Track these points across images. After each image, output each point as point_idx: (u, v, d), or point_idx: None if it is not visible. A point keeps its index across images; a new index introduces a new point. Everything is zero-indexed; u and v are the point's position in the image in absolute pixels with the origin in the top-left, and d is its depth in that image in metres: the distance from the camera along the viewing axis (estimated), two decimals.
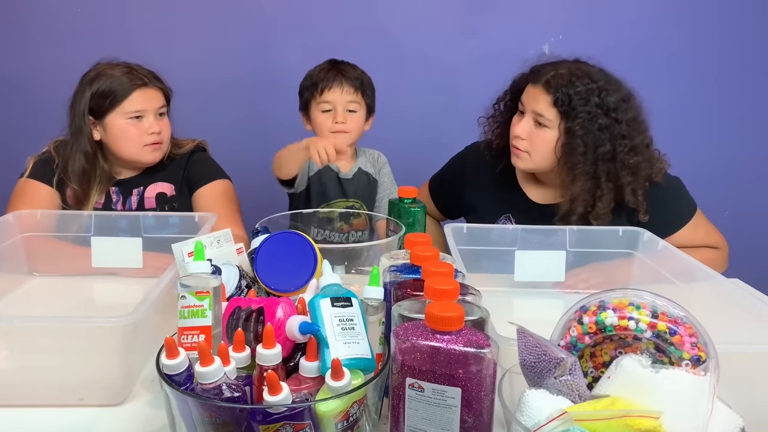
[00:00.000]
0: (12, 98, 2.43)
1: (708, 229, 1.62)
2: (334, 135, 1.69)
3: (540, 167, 1.54)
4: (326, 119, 1.71)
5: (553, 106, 1.47)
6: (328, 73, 1.72)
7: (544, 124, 1.49)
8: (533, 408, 0.70)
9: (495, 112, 1.67)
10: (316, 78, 1.72)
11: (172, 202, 1.66)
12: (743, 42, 2.41)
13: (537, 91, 1.50)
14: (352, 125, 1.72)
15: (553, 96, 1.47)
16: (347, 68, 1.74)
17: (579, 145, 1.46)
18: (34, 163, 1.63)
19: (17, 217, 1.41)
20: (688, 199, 1.61)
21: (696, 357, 0.73)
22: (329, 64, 1.77)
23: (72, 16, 2.38)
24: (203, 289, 0.80)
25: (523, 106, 1.53)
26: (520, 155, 1.54)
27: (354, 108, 1.72)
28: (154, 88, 1.62)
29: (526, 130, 1.52)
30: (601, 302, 0.78)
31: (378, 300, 0.84)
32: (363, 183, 1.81)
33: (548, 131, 1.49)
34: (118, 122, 1.58)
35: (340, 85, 1.70)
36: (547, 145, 1.50)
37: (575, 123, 1.46)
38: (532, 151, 1.52)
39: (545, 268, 1.40)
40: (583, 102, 1.46)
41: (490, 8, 2.38)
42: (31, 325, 0.92)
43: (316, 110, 1.72)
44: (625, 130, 1.48)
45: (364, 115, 1.75)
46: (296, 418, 0.69)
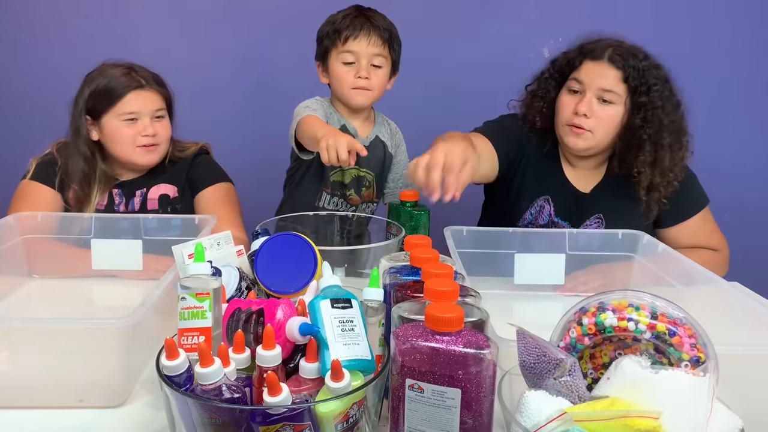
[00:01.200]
0: (13, 100, 2.44)
1: (713, 228, 1.64)
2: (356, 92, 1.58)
3: (600, 145, 1.52)
4: (347, 72, 1.57)
5: (623, 82, 1.47)
6: (354, 20, 1.55)
7: (610, 101, 1.48)
8: (533, 409, 0.70)
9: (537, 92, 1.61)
10: (340, 24, 1.55)
11: (175, 204, 1.67)
12: (743, 44, 2.41)
13: (601, 68, 1.49)
14: (375, 82, 1.58)
15: (624, 72, 1.47)
16: (376, 16, 1.58)
17: (659, 117, 1.46)
18: (37, 165, 1.63)
19: (18, 219, 1.41)
20: (701, 190, 1.63)
21: (695, 358, 0.73)
22: (355, 9, 1.60)
23: (73, 17, 2.38)
24: (203, 290, 0.81)
25: (580, 84, 1.51)
26: (582, 135, 1.50)
27: (379, 63, 1.58)
28: (150, 90, 1.61)
29: (591, 108, 1.49)
30: (601, 303, 0.78)
31: (378, 301, 0.84)
32: (378, 154, 1.70)
33: (613, 107, 1.48)
34: (112, 123, 1.59)
35: (368, 35, 1.54)
36: (612, 121, 1.49)
37: (651, 97, 1.46)
38: (597, 129, 1.50)
39: (545, 271, 1.40)
40: (652, 76, 1.47)
41: (488, 12, 2.38)
42: (31, 327, 0.92)
43: (337, 61, 1.58)
44: (680, 100, 1.52)
45: (388, 72, 1.61)
46: (296, 419, 0.69)
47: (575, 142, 1.52)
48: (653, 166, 1.49)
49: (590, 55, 1.52)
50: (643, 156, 1.48)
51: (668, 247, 1.35)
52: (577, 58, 1.55)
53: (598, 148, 1.54)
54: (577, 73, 1.52)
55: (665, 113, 1.47)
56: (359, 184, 1.68)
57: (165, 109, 1.65)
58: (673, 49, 2.36)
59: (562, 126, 1.55)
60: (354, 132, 1.65)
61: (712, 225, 1.63)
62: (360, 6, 1.62)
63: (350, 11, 1.59)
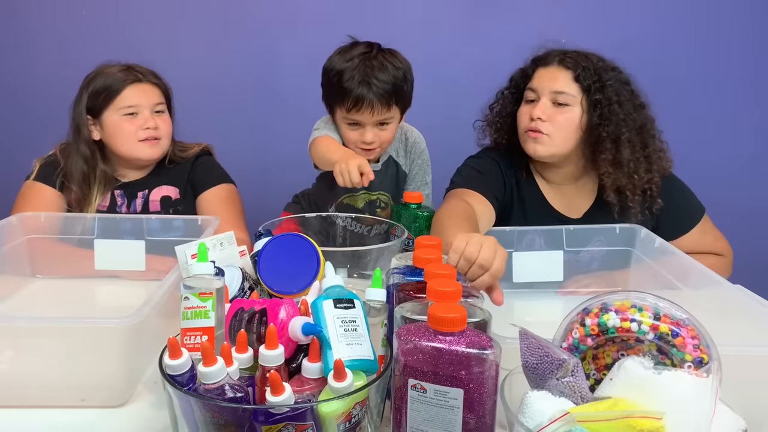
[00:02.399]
0: (16, 101, 2.44)
1: (715, 235, 1.61)
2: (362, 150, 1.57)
3: (561, 150, 1.49)
4: (354, 135, 1.56)
5: (575, 82, 1.46)
6: (360, 87, 1.49)
7: (565, 103, 1.46)
8: (535, 409, 0.70)
9: (497, 109, 1.61)
10: (346, 85, 1.50)
11: (177, 205, 1.67)
12: (745, 46, 2.41)
13: (552, 71, 1.48)
14: (381, 141, 1.58)
15: (574, 71, 1.46)
16: (380, 75, 1.51)
17: (615, 112, 1.44)
18: (40, 166, 1.64)
19: (21, 219, 1.41)
20: (696, 201, 1.61)
21: (698, 359, 0.73)
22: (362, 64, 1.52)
23: (77, 19, 2.39)
24: (206, 290, 0.81)
25: (534, 92, 1.50)
26: (540, 139, 1.47)
27: (385, 121, 1.56)
28: (148, 84, 1.62)
29: (545, 111, 1.46)
30: (604, 304, 0.79)
31: (380, 302, 0.84)
32: (390, 175, 1.68)
33: (569, 109, 1.46)
34: (113, 118, 1.59)
35: (370, 106, 1.50)
36: (570, 124, 1.46)
37: (605, 93, 1.44)
38: (554, 133, 1.47)
39: (543, 269, 1.40)
40: (606, 73, 1.46)
41: (491, 14, 2.38)
42: (35, 326, 0.92)
43: (342, 122, 1.57)
44: (643, 102, 1.50)
45: (397, 123, 1.60)
46: (298, 418, 0.69)
47: (534, 148, 1.49)
48: (615, 164, 1.46)
49: (541, 62, 1.52)
50: (604, 155, 1.46)
51: (664, 241, 1.35)
52: (529, 68, 1.56)
53: (561, 155, 1.50)
54: (531, 82, 1.52)
55: (623, 109, 1.45)
56: (372, 206, 1.68)
57: (164, 103, 1.65)
58: (675, 52, 2.39)
59: (521, 135, 1.53)
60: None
61: (712, 235, 1.60)
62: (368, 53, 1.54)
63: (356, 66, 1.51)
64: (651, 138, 1.49)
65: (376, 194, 1.69)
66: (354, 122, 1.55)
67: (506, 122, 1.59)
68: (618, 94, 1.45)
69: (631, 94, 1.49)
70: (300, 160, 1.79)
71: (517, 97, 1.57)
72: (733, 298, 1.09)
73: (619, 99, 1.45)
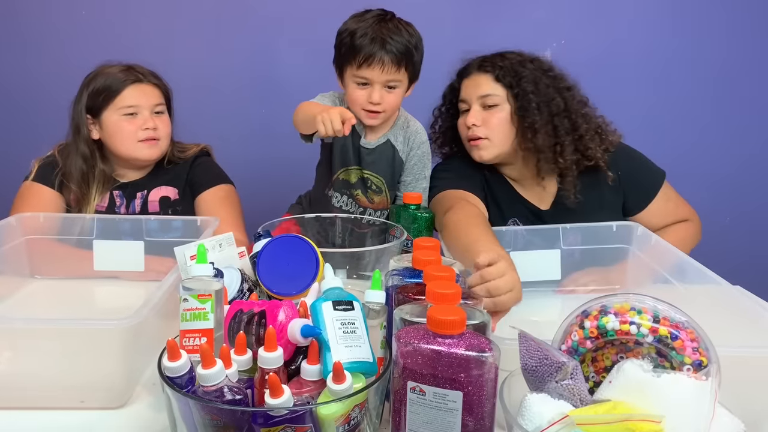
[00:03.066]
0: (15, 102, 2.44)
1: (677, 202, 1.63)
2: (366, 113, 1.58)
3: (502, 150, 1.53)
4: (361, 95, 1.56)
5: (497, 82, 1.50)
6: (371, 44, 1.50)
7: (494, 104, 1.50)
8: (534, 412, 0.70)
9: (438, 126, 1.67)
10: (358, 43, 1.51)
11: (176, 206, 1.67)
12: (745, 46, 2.41)
13: (475, 78, 1.54)
14: (387, 105, 1.57)
15: (493, 73, 1.51)
16: (393, 35, 1.52)
17: (531, 101, 1.47)
18: (39, 167, 1.63)
19: (20, 219, 1.41)
20: (654, 166, 1.62)
21: (697, 362, 0.73)
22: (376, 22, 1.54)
23: (77, 20, 2.39)
24: (205, 291, 0.81)
25: (465, 103, 1.55)
26: (480, 144, 1.52)
27: (394, 85, 1.56)
28: (149, 84, 1.62)
29: (478, 117, 1.51)
30: (603, 307, 0.78)
31: (380, 304, 0.84)
32: (386, 158, 1.67)
33: (499, 109, 1.50)
34: (112, 118, 1.59)
35: (381, 63, 1.51)
36: (503, 123, 1.50)
37: (521, 84, 1.48)
38: (492, 135, 1.51)
39: (541, 268, 1.40)
40: (521, 67, 1.50)
41: (492, 14, 2.39)
42: (33, 327, 0.92)
43: (351, 80, 1.56)
44: (569, 85, 1.53)
45: (404, 89, 1.60)
46: (297, 421, 0.69)
47: (479, 155, 1.53)
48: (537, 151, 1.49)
49: (464, 73, 1.58)
50: (526, 144, 1.49)
51: (660, 238, 1.35)
52: (455, 81, 1.61)
53: (505, 154, 1.54)
54: (460, 94, 1.57)
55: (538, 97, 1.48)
56: (365, 186, 1.67)
57: (164, 104, 1.65)
58: (673, 51, 2.39)
59: (466, 145, 1.57)
60: (361, 132, 1.65)
61: (675, 199, 1.63)
62: (382, 16, 1.57)
63: (370, 25, 1.53)
64: (581, 117, 1.52)
65: (368, 173, 1.68)
66: (363, 81, 1.55)
67: (448, 135, 1.65)
68: (536, 83, 1.49)
69: (553, 79, 1.52)
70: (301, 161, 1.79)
71: (452, 112, 1.62)
72: (731, 299, 1.09)
73: (536, 88, 1.49)
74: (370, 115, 1.58)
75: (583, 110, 1.53)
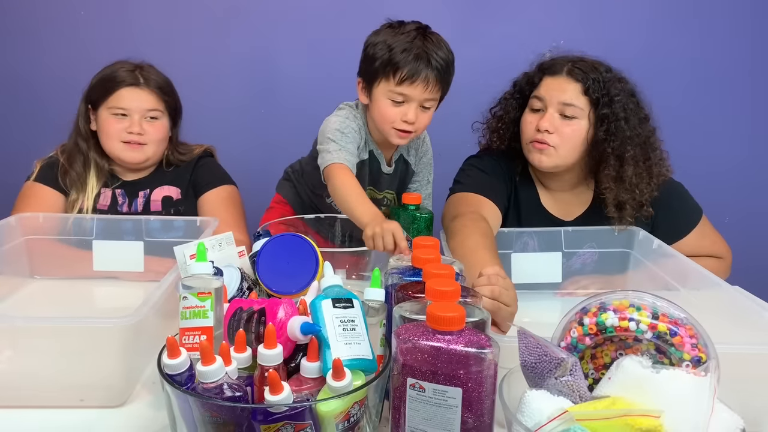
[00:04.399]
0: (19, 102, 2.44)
1: (714, 238, 1.59)
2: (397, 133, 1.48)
3: (565, 162, 1.47)
4: (395, 113, 1.45)
5: (584, 95, 1.43)
6: (416, 60, 1.40)
7: (572, 115, 1.43)
8: (534, 408, 0.70)
9: (500, 114, 1.59)
10: (399, 59, 1.40)
11: (178, 205, 1.67)
12: (746, 46, 2.41)
13: (560, 82, 1.45)
14: (420, 124, 1.49)
15: (583, 84, 1.43)
16: (437, 51, 1.43)
17: (622, 128, 1.41)
18: (41, 167, 1.64)
19: (19, 219, 1.41)
20: (693, 204, 1.58)
21: (696, 358, 0.73)
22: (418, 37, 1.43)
23: (80, 20, 2.39)
24: (205, 290, 0.81)
25: (541, 101, 1.47)
26: (546, 151, 1.45)
27: (429, 105, 1.49)
28: (146, 90, 1.62)
29: (553, 123, 1.44)
30: (602, 303, 0.79)
31: (379, 302, 0.84)
32: (400, 175, 1.65)
33: (576, 122, 1.43)
34: (104, 115, 1.60)
35: (426, 80, 1.41)
36: (576, 136, 1.43)
37: (612, 108, 1.41)
38: (561, 146, 1.44)
39: (542, 270, 1.40)
40: (613, 87, 1.43)
41: (490, 14, 2.39)
42: (33, 326, 0.92)
43: (384, 96, 1.45)
44: (647, 114, 1.48)
45: (435, 108, 1.52)
46: (297, 418, 0.69)
47: (540, 159, 1.47)
48: (618, 180, 1.44)
49: (549, 71, 1.49)
50: (607, 170, 1.44)
51: (663, 242, 1.34)
52: (536, 75, 1.52)
53: (565, 166, 1.49)
54: (537, 90, 1.49)
55: (629, 125, 1.42)
56: (379, 204, 1.65)
57: (162, 111, 1.64)
58: (672, 50, 2.39)
59: (526, 145, 1.50)
60: (380, 158, 1.61)
61: (711, 238, 1.59)
62: (422, 30, 1.47)
63: (411, 40, 1.43)
64: (653, 150, 1.47)
65: (383, 193, 1.67)
66: (400, 99, 1.44)
67: (509, 128, 1.56)
68: (625, 110, 1.43)
69: (637, 106, 1.46)
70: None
71: (521, 103, 1.54)
72: (730, 299, 1.09)
73: (626, 115, 1.43)
74: (401, 134, 1.49)
75: (656, 144, 1.48)
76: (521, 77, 1.56)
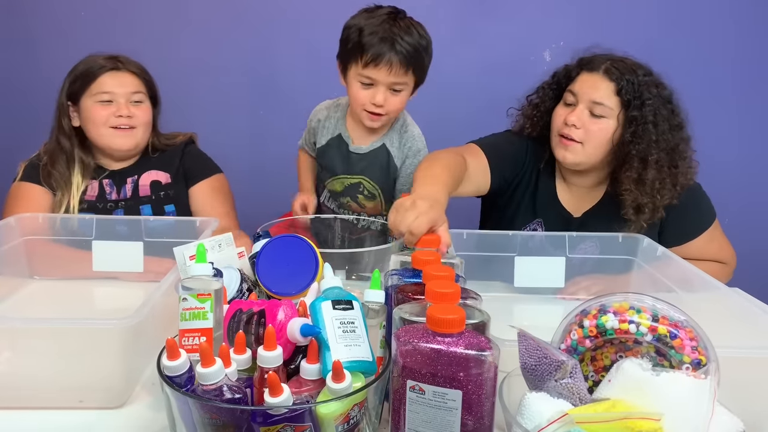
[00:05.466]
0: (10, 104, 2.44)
1: (722, 244, 1.60)
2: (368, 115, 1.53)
3: (590, 160, 1.48)
4: (364, 95, 1.50)
5: (616, 95, 1.43)
6: (381, 43, 1.44)
7: (601, 114, 1.44)
8: (534, 411, 0.70)
9: (536, 101, 1.60)
10: (366, 41, 1.45)
11: (168, 189, 1.67)
12: (744, 48, 2.42)
13: (595, 79, 1.46)
14: (391, 107, 1.52)
15: (617, 84, 1.43)
16: (404, 36, 1.46)
17: (649, 132, 1.41)
18: (25, 167, 1.65)
19: (18, 220, 1.41)
20: (707, 207, 1.58)
21: (696, 360, 0.73)
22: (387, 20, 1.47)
23: (74, 19, 2.39)
24: (205, 291, 0.81)
25: (574, 96, 1.48)
26: (571, 147, 1.47)
27: (399, 88, 1.50)
28: (127, 73, 1.62)
29: (582, 119, 1.45)
30: (602, 306, 0.79)
31: (379, 303, 0.84)
32: (380, 163, 1.63)
33: (605, 122, 1.44)
34: (87, 104, 1.60)
35: (389, 64, 1.44)
36: (603, 135, 1.44)
37: (643, 112, 1.42)
38: (587, 143, 1.45)
39: (545, 275, 1.40)
40: (647, 91, 1.43)
41: (490, 15, 2.39)
42: (32, 327, 0.92)
43: (355, 79, 1.50)
44: (680, 122, 1.48)
45: (409, 92, 1.54)
46: (297, 419, 0.69)
47: (564, 155, 1.49)
48: (638, 183, 1.44)
49: (587, 66, 1.50)
50: (629, 172, 1.44)
51: (667, 250, 1.34)
52: (574, 69, 1.53)
53: (589, 164, 1.50)
54: (572, 85, 1.50)
55: (657, 130, 1.42)
56: (356, 191, 1.66)
57: (144, 94, 1.65)
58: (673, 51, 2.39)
59: (554, 137, 1.52)
60: (348, 140, 1.64)
61: (719, 243, 1.58)
62: (394, 14, 1.50)
63: (380, 23, 1.46)
64: (682, 159, 1.47)
65: (358, 178, 1.65)
66: (368, 81, 1.48)
67: (542, 117, 1.58)
68: (655, 114, 1.43)
69: (671, 113, 1.46)
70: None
71: (557, 94, 1.56)
72: (730, 301, 1.09)
73: (655, 119, 1.43)
74: (372, 116, 1.54)
75: (686, 153, 1.47)
76: (561, 69, 1.58)
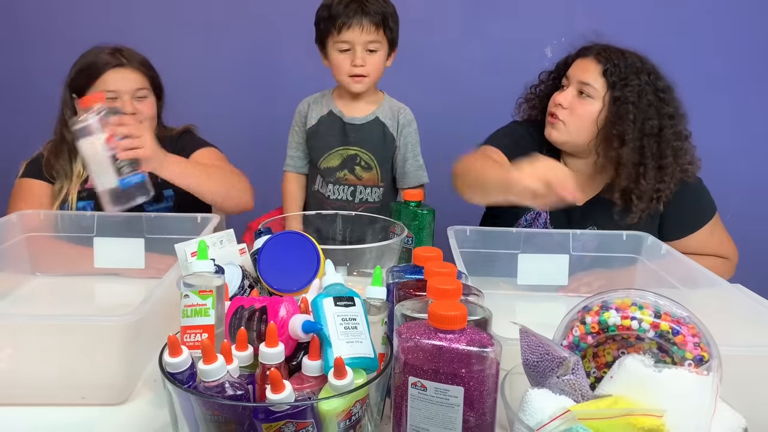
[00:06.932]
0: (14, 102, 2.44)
1: (722, 238, 1.60)
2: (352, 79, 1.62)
3: (574, 140, 1.52)
4: (344, 60, 1.60)
5: (602, 76, 1.48)
6: (347, 8, 1.56)
7: (589, 95, 1.49)
8: (536, 407, 0.70)
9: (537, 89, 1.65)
10: (335, 11, 1.57)
11: None
12: (746, 46, 2.41)
13: (586, 63, 1.52)
14: (371, 67, 1.61)
15: (603, 66, 1.48)
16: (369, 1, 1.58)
17: (629, 111, 1.44)
18: (27, 164, 1.66)
19: (20, 217, 1.41)
20: (707, 201, 1.60)
21: (699, 357, 0.73)
22: None
23: (76, 18, 2.39)
24: (206, 287, 0.80)
25: (567, 79, 1.54)
26: (556, 124, 1.53)
27: (375, 47, 1.60)
28: (131, 69, 1.62)
29: (568, 99, 1.51)
30: (604, 302, 0.78)
31: (381, 300, 0.84)
32: (375, 134, 1.69)
33: (591, 102, 1.49)
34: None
35: (360, 23, 1.56)
36: (587, 116, 1.49)
37: (624, 92, 1.45)
38: (570, 122, 1.51)
39: (548, 272, 1.39)
40: (634, 75, 1.47)
41: (491, 11, 2.38)
42: (34, 323, 0.92)
43: (333, 48, 1.61)
44: (672, 113, 1.49)
45: (385, 53, 1.64)
46: (298, 416, 0.69)
47: (550, 132, 1.55)
48: (619, 164, 1.46)
49: (582, 53, 1.56)
50: (610, 152, 1.47)
51: (671, 248, 1.34)
52: (572, 57, 1.59)
53: (574, 144, 1.53)
54: (569, 69, 1.56)
55: (638, 111, 1.45)
56: (353, 162, 1.68)
57: (148, 89, 1.65)
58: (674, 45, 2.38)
59: (547, 118, 1.57)
60: (341, 114, 1.69)
61: (719, 237, 1.59)
62: None
63: None
64: (671, 149, 1.48)
65: (355, 150, 1.69)
66: (345, 47, 1.59)
67: (543, 103, 1.63)
68: (639, 97, 1.46)
69: (660, 101, 1.48)
70: None
71: (557, 82, 1.61)
72: (731, 298, 1.09)
73: (638, 101, 1.45)
74: (356, 79, 1.62)
75: (675, 143, 1.48)
76: (562, 58, 1.63)
